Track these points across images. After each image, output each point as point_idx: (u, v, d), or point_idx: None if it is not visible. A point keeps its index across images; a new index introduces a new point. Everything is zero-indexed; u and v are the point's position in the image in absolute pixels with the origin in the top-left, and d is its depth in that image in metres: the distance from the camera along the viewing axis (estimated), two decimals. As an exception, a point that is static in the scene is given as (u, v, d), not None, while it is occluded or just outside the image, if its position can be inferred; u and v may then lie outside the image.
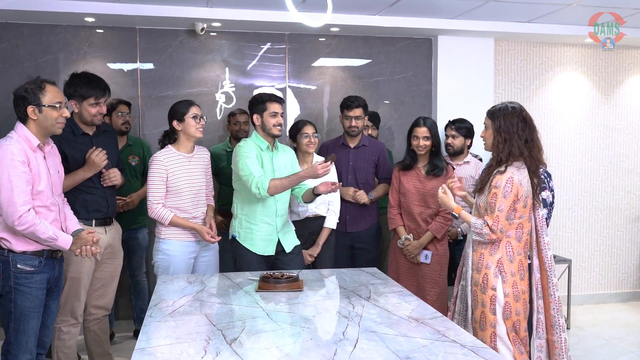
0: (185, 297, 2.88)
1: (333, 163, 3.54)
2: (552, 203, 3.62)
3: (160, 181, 3.63)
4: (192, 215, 3.72)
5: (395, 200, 4.26)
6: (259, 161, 3.67)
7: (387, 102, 5.54)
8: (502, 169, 3.02)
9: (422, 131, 4.12)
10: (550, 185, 3.63)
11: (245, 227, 3.76)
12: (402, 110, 5.54)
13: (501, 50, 5.79)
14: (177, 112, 3.72)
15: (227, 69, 5.24)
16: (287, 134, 4.47)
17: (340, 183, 3.75)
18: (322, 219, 4.23)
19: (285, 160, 3.86)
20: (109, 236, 3.70)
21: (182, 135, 3.74)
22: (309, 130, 4.19)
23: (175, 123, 3.73)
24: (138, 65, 5.06)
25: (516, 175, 2.98)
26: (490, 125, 3.11)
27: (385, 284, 3.20)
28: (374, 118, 5.07)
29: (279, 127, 3.72)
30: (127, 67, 5.06)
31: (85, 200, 3.57)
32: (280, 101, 3.75)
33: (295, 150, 4.30)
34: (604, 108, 6.13)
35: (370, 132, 4.92)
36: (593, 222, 6.20)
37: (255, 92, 5.18)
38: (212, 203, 3.93)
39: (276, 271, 3.21)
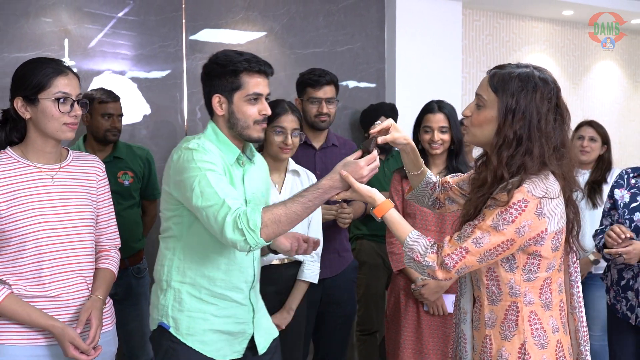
0: None
1: (375, 148, 1.77)
2: None
3: None
4: (51, 294, 1.83)
5: None
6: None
7: (328, 84, 3.87)
8: (511, 185, 1.62)
9: (438, 120, 2.62)
10: None
11: (191, 308, 1.88)
12: (348, 96, 3.91)
13: (466, 21, 4.45)
14: (27, 82, 1.81)
15: (68, 38, 3.23)
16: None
17: (319, 240, 1.98)
18: (296, 267, 2.59)
19: (260, 179, 2.03)
20: None
21: (32, 130, 1.85)
22: (287, 122, 2.43)
23: (19, 104, 1.82)
24: None
25: (534, 198, 1.60)
26: (495, 104, 1.65)
27: None
28: (391, 112, 3.60)
29: (263, 125, 1.89)
30: None
31: None
32: (268, 70, 1.90)
33: (261, 148, 2.55)
34: (572, 99, 5.05)
35: None
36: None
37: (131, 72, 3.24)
38: (111, 266, 2.01)
39: None
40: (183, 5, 3.46)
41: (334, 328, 2.86)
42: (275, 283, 2.49)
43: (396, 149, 3.74)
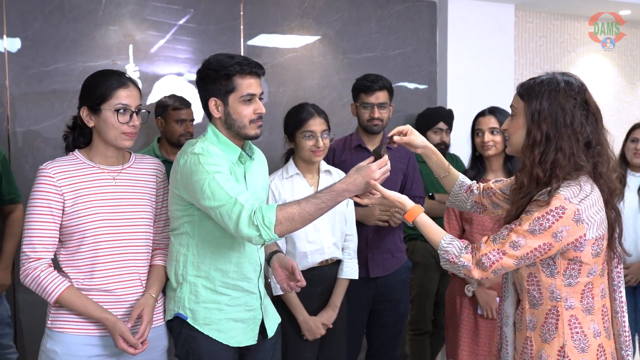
0: None
1: (385, 154, 1.86)
2: None
3: (46, 216, 1.92)
4: (106, 288, 1.98)
5: (456, 231, 2.75)
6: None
7: (380, 88, 3.95)
8: (548, 191, 1.67)
9: (488, 121, 2.71)
10: None
11: (206, 299, 2.02)
12: (400, 99, 3.98)
13: (519, 23, 4.45)
14: (91, 93, 1.96)
15: (131, 43, 3.42)
16: (283, 128, 2.70)
17: (299, 282, 2.06)
18: (337, 266, 2.69)
19: (260, 173, 2.15)
20: None
21: (96, 136, 2.01)
22: (315, 126, 2.53)
23: (85, 113, 1.98)
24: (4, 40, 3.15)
25: (571, 205, 1.64)
26: (523, 110, 1.74)
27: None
28: (449, 118, 3.67)
29: (259, 123, 1.99)
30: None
31: None
32: (259, 71, 1.99)
33: (292, 152, 2.62)
34: (629, 99, 4.97)
35: (443, 138, 3.62)
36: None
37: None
38: (162, 262, 2.14)
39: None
40: (241, 13, 3.61)
41: (385, 325, 2.94)
42: (320, 284, 2.59)
43: (450, 152, 3.80)
